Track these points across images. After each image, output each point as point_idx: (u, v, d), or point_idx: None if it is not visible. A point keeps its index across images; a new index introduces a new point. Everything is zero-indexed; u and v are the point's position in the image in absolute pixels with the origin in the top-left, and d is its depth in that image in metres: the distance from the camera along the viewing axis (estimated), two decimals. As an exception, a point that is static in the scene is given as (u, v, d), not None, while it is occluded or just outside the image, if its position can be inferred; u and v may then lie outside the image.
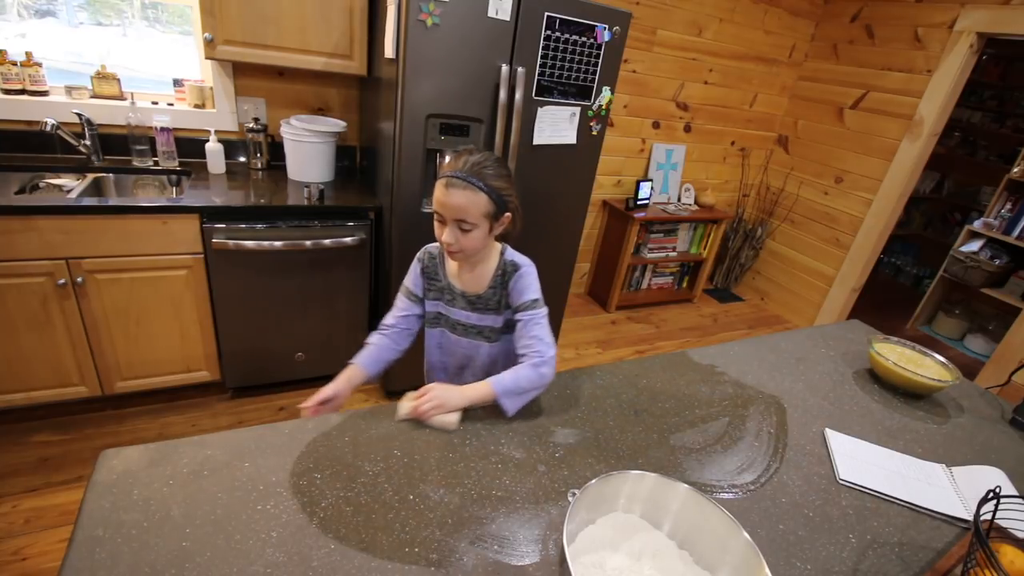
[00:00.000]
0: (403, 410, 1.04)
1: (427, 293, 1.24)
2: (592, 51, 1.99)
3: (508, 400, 1.06)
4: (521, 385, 1.07)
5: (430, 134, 1.88)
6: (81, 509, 0.78)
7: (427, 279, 1.23)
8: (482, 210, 1.07)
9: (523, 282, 1.16)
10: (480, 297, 1.19)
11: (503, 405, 1.06)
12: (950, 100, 3.00)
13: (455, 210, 1.05)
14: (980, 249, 3.53)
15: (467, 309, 1.21)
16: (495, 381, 1.07)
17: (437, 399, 1.03)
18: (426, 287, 1.23)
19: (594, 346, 3.13)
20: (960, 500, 1.05)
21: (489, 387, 1.06)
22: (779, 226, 3.93)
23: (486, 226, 1.09)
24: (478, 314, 1.21)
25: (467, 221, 1.06)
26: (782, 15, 3.41)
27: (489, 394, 1.06)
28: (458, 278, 1.21)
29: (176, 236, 1.82)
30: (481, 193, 1.05)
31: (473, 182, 1.05)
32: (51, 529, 1.60)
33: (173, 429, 2.01)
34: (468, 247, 1.10)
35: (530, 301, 1.15)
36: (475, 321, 1.22)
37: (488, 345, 1.24)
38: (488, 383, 1.06)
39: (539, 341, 1.11)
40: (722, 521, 0.80)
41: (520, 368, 1.09)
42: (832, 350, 1.62)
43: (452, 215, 1.06)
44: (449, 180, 1.05)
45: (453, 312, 1.22)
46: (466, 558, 0.79)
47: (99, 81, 2.10)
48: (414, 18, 1.67)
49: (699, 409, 1.23)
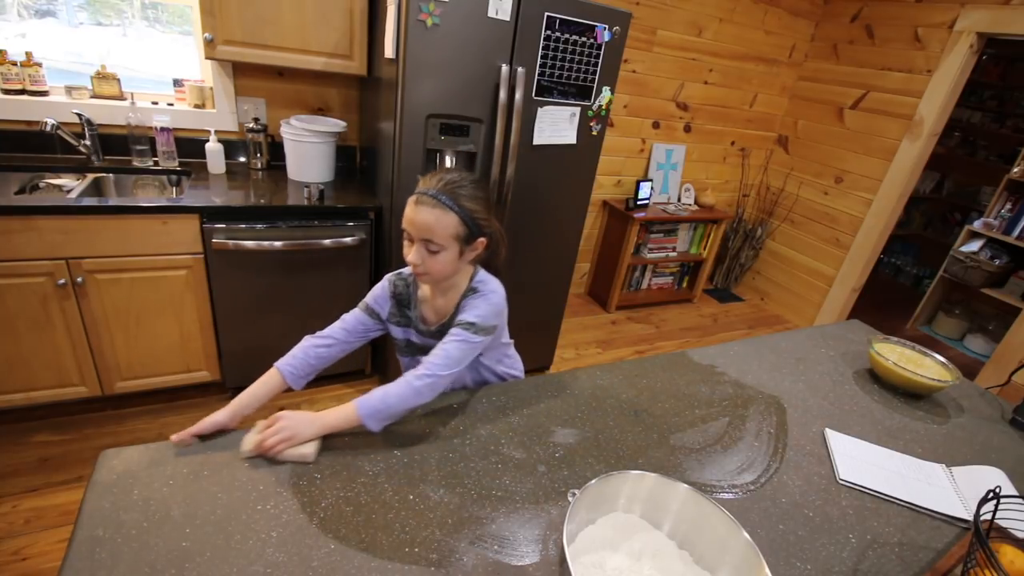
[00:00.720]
0: (247, 445, 0.91)
1: (392, 318, 1.18)
2: (592, 51, 1.99)
3: (373, 422, 0.97)
4: (388, 403, 0.98)
5: (430, 134, 1.88)
6: (81, 509, 0.78)
7: (397, 304, 1.18)
8: (450, 231, 1.01)
9: (472, 302, 1.09)
10: (445, 325, 1.13)
11: (368, 426, 0.97)
12: (950, 100, 3.00)
13: (422, 228, 1.00)
14: (980, 249, 3.53)
15: (436, 338, 1.13)
16: (360, 402, 0.97)
17: (287, 430, 0.91)
18: (393, 312, 1.18)
19: (594, 346, 3.13)
20: (960, 500, 1.05)
21: (352, 409, 0.96)
22: (779, 226, 3.93)
23: (455, 249, 1.03)
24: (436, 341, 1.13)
25: (434, 241, 1.01)
26: (782, 15, 3.41)
27: (351, 417, 0.96)
28: (429, 306, 1.17)
29: (176, 236, 1.82)
30: (451, 213, 1.00)
31: (443, 201, 1.00)
32: (51, 529, 1.60)
33: (173, 429, 2.00)
34: (434, 270, 1.04)
35: (466, 322, 1.06)
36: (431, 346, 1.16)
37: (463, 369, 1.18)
38: (352, 404, 0.97)
39: (443, 356, 1.02)
40: (722, 521, 0.80)
41: (393, 384, 1.00)
42: (832, 350, 1.62)
43: (419, 234, 1.01)
44: (419, 197, 1.01)
45: (424, 340, 1.18)
46: (466, 558, 0.79)
47: (99, 81, 2.10)
48: (414, 18, 1.67)
49: (699, 409, 1.24)
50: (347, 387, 2.38)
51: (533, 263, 2.34)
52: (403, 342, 1.22)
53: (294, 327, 2.12)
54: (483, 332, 1.06)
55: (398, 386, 0.99)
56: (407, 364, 1.25)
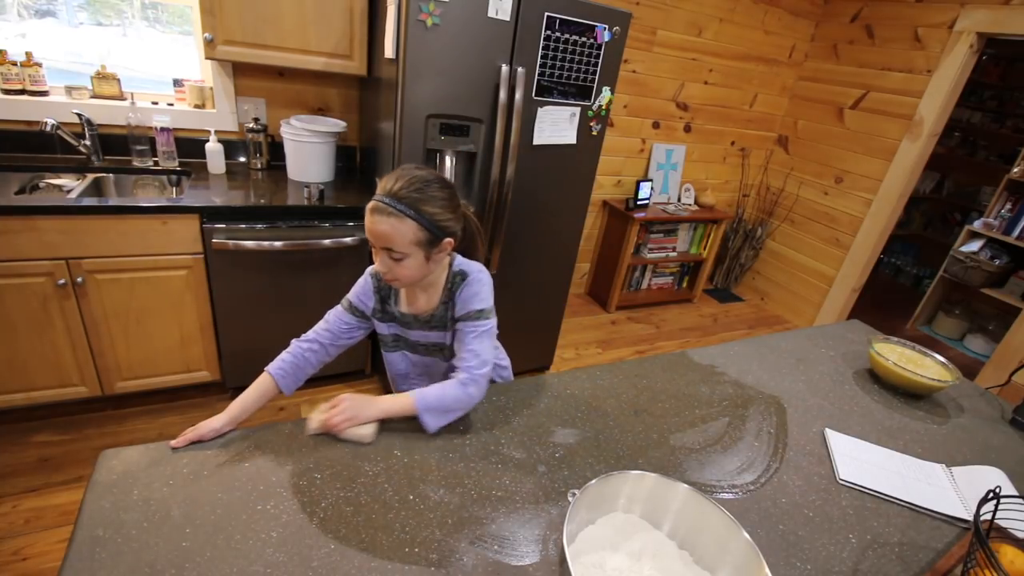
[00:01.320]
0: (313, 423, 0.97)
1: (376, 314, 1.16)
2: (592, 51, 1.99)
3: (430, 417, 0.99)
4: (446, 403, 1.00)
5: (430, 134, 1.88)
6: (81, 509, 0.78)
7: (381, 301, 1.15)
8: (409, 238, 0.96)
9: (468, 291, 1.07)
10: (433, 316, 1.12)
11: (424, 422, 0.99)
12: (950, 100, 3.00)
13: (380, 238, 0.97)
14: (980, 249, 3.53)
15: (423, 329, 1.14)
16: (419, 396, 0.99)
17: (350, 411, 0.95)
18: (377, 308, 1.15)
19: (594, 346, 3.13)
20: (960, 500, 1.05)
21: (411, 401, 0.98)
22: (779, 226, 3.93)
23: (419, 254, 0.99)
24: (436, 332, 1.15)
25: (395, 250, 0.97)
26: (782, 15, 3.41)
27: (410, 407, 0.98)
28: (410, 304, 1.14)
29: (176, 236, 1.82)
30: (408, 220, 0.95)
31: (399, 208, 0.94)
32: (51, 529, 1.60)
33: (173, 429, 2.01)
34: (403, 276, 1.01)
35: (475, 312, 1.06)
36: (434, 339, 1.16)
37: (448, 362, 1.18)
38: (411, 396, 0.99)
39: (474, 356, 1.03)
40: (722, 521, 0.80)
41: (448, 385, 1.01)
42: (832, 350, 1.62)
43: (379, 243, 0.98)
44: (374, 205, 0.96)
45: (410, 334, 1.17)
46: (466, 558, 0.79)
47: (99, 81, 2.10)
48: (414, 18, 1.67)
49: (699, 409, 1.23)
50: (347, 387, 2.38)
51: (533, 263, 2.34)
52: (389, 337, 1.20)
53: (294, 327, 2.11)
54: (491, 314, 1.08)
55: (452, 387, 1.01)
56: (395, 360, 1.23)
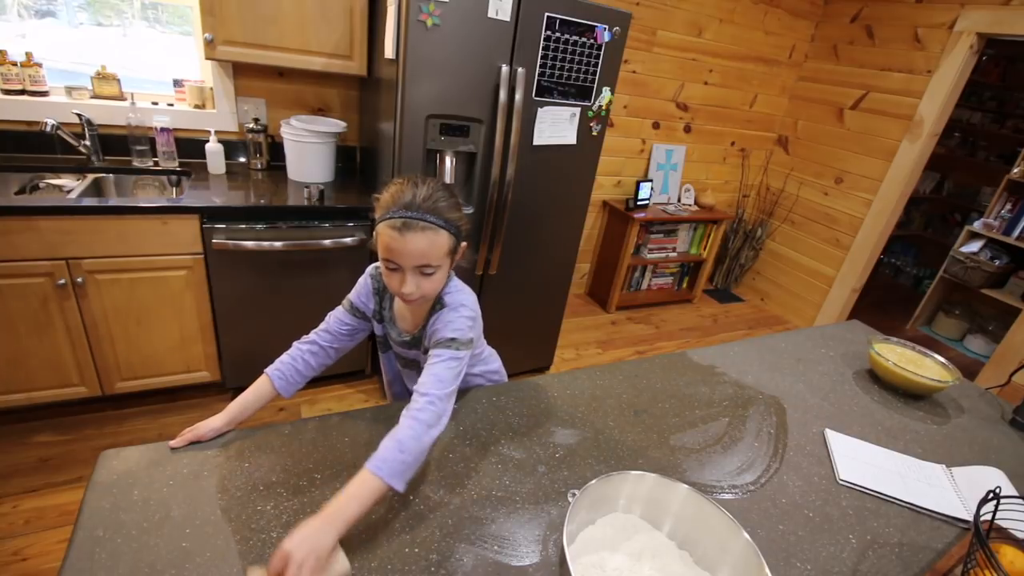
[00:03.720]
0: None
1: (376, 315, 1.13)
2: (592, 51, 1.99)
3: (398, 481, 0.80)
4: (405, 451, 0.81)
5: (430, 134, 1.88)
6: (81, 509, 0.78)
7: (379, 301, 1.12)
8: (444, 250, 0.93)
9: (444, 317, 0.99)
10: (413, 336, 1.08)
11: (395, 488, 0.79)
12: (950, 101, 3.00)
13: (416, 256, 0.89)
14: (980, 250, 3.53)
15: (402, 346, 1.12)
16: (375, 467, 0.79)
17: (309, 560, 0.67)
18: (377, 309, 1.12)
19: (594, 346, 3.13)
20: (960, 500, 1.05)
21: (371, 478, 0.78)
22: (779, 226, 3.93)
23: (447, 265, 0.97)
24: (414, 351, 1.12)
25: (430, 265, 0.91)
26: (782, 16, 3.41)
27: (375, 489, 0.78)
28: (400, 314, 1.11)
29: (176, 236, 1.82)
30: (442, 231, 0.91)
31: (432, 220, 0.89)
32: (51, 529, 1.60)
33: (173, 429, 2.01)
34: (430, 291, 0.96)
35: (446, 340, 0.96)
36: (412, 357, 1.15)
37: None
38: (367, 473, 0.78)
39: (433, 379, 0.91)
40: (722, 521, 0.80)
41: (399, 428, 0.85)
42: (832, 350, 1.62)
43: (413, 262, 0.90)
44: (405, 222, 0.87)
45: (395, 345, 1.16)
46: (466, 558, 0.79)
47: (99, 81, 2.10)
48: (414, 18, 1.67)
49: (699, 409, 1.23)
50: (347, 387, 2.38)
51: (533, 263, 2.34)
52: (382, 337, 1.18)
53: (294, 327, 2.11)
54: (465, 347, 0.97)
55: (405, 428, 0.84)
56: (387, 361, 1.25)
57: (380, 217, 0.91)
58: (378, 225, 0.92)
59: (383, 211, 0.91)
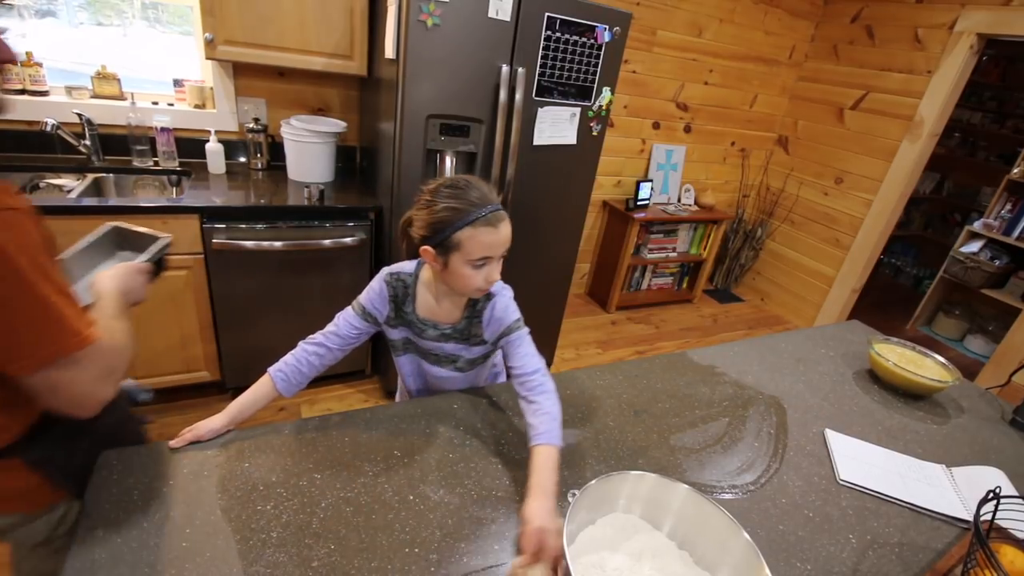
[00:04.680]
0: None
1: (389, 321, 1.13)
2: (592, 51, 1.99)
3: (562, 441, 0.94)
4: (559, 420, 0.95)
5: (430, 134, 1.88)
6: (81, 509, 0.78)
7: (395, 307, 1.11)
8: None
9: (499, 306, 1.06)
10: (455, 328, 1.10)
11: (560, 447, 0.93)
12: (950, 101, 3.00)
13: (507, 243, 0.98)
14: (980, 250, 3.53)
15: (439, 340, 1.12)
16: (547, 437, 0.91)
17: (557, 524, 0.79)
18: (391, 315, 1.12)
19: (594, 346, 3.13)
20: (960, 500, 1.05)
21: (551, 452, 0.91)
22: (779, 226, 3.93)
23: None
24: (452, 344, 1.12)
25: (504, 252, 1.00)
26: (782, 16, 3.41)
27: (557, 456, 0.92)
28: (431, 311, 1.10)
29: (176, 236, 1.80)
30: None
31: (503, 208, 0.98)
32: (51, 529, 1.60)
33: (173, 429, 1.98)
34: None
35: (515, 323, 1.06)
36: (448, 351, 1.14)
37: (461, 375, 1.18)
38: (547, 447, 0.91)
39: (532, 357, 1.02)
40: (722, 521, 0.80)
41: (548, 404, 0.96)
42: (832, 350, 1.62)
43: (503, 250, 0.98)
44: (496, 215, 0.95)
45: (422, 342, 1.13)
46: (466, 558, 0.79)
47: (99, 81, 2.10)
48: (414, 18, 1.67)
49: (699, 409, 1.23)
50: (347, 387, 2.38)
51: (533, 263, 2.34)
52: (400, 341, 1.16)
53: (294, 327, 2.11)
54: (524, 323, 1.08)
55: (547, 402, 0.96)
56: (405, 363, 1.21)
57: (464, 221, 0.93)
58: (463, 230, 0.93)
59: (462, 215, 0.93)
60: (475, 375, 1.21)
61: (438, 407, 1.11)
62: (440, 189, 0.96)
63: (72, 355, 0.67)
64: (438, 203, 0.95)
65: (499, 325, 1.06)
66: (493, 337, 1.09)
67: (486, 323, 1.08)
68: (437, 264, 0.99)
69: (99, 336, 0.71)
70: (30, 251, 0.63)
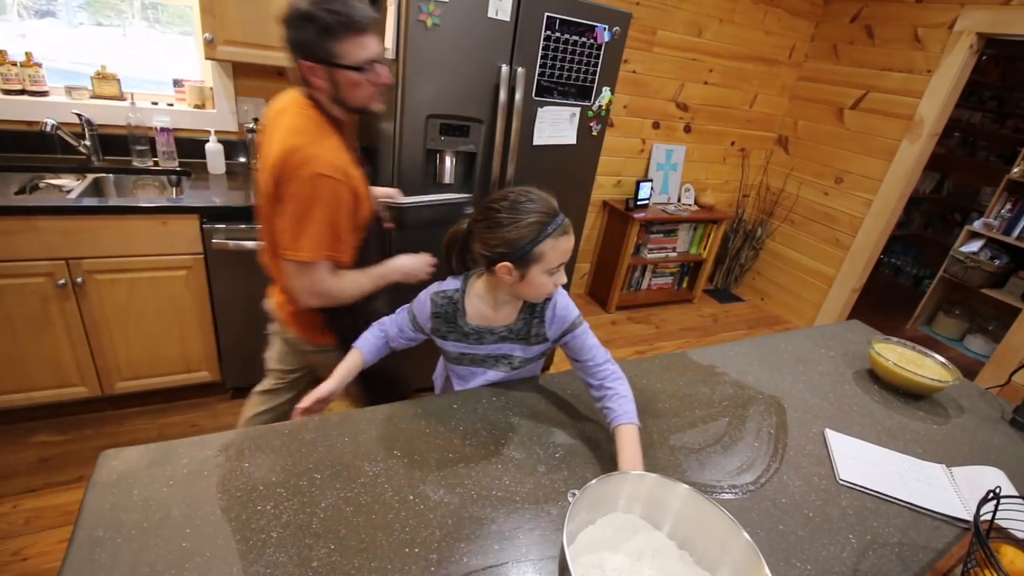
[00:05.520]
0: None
1: (437, 332, 1.16)
2: (592, 51, 1.99)
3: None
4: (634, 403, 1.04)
5: (430, 134, 1.88)
6: (81, 509, 0.78)
7: (443, 322, 1.14)
8: None
9: (560, 305, 1.11)
10: (510, 329, 1.13)
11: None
12: (950, 100, 3.00)
13: (570, 251, 1.03)
14: (980, 249, 3.53)
15: (496, 343, 1.15)
16: (627, 417, 1.00)
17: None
18: (437, 327, 1.15)
19: (594, 346, 3.13)
20: (960, 500, 1.05)
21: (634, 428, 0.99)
22: (779, 226, 3.93)
23: None
24: (509, 344, 1.16)
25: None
26: (782, 16, 3.41)
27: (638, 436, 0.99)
28: (484, 317, 1.12)
29: (176, 236, 1.82)
30: None
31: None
32: (51, 529, 1.60)
33: (173, 429, 2.01)
34: None
35: (576, 319, 1.11)
36: (505, 351, 1.17)
37: (510, 371, 1.20)
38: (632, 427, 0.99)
39: (599, 349, 1.09)
40: (722, 521, 0.80)
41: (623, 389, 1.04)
42: (832, 350, 1.62)
43: (566, 259, 1.03)
44: (566, 222, 1.01)
45: (481, 348, 1.16)
46: (466, 558, 0.79)
47: (99, 81, 2.10)
48: (414, 18, 1.67)
49: (699, 409, 1.23)
50: (347, 387, 2.37)
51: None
52: (455, 354, 1.18)
53: (294, 327, 2.12)
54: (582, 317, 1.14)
55: (622, 387, 1.05)
56: (462, 372, 1.22)
57: (544, 233, 0.97)
58: (545, 242, 0.97)
59: (543, 228, 0.97)
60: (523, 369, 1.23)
61: (438, 407, 1.11)
62: (514, 206, 0.98)
63: (294, 261, 1.12)
64: (520, 219, 0.97)
65: (562, 323, 1.10)
66: (556, 334, 1.12)
67: (549, 322, 1.11)
68: (512, 277, 1.00)
69: (314, 263, 1.13)
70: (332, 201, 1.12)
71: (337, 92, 1.15)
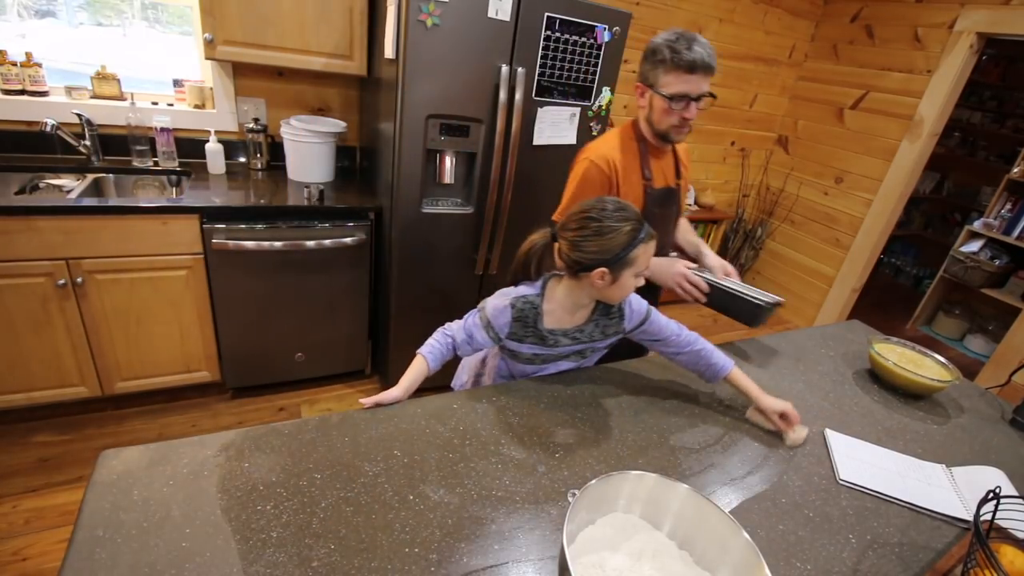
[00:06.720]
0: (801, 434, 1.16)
1: (513, 336, 1.19)
2: (592, 51, 1.99)
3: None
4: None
5: (430, 134, 1.88)
6: (81, 509, 0.78)
7: (521, 326, 1.17)
8: None
9: (635, 302, 1.21)
10: (583, 330, 1.20)
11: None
12: (950, 100, 3.00)
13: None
14: (980, 249, 3.53)
15: (571, 343, 1.21)
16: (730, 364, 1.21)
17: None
18: (514, 332, 1.18)
19: (594, 346, 3.13)
20: (960, 500, 1.05)
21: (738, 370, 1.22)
22: (779, 226, 3.93)
23: None
24: (581, 344, 1.22)
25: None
26: (782, 15, 3.41)
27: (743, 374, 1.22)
28: (560, 320, 1.18)
29: (176, 236, 1.82)
30: None
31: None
32: (51, 529, 1.60)
33: (173, 429, 2.01)
34: None
35: (648, 312, 1.23)
36: (576, 348, 1.23)
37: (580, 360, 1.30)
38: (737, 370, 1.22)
39: (676, 325, 1.25)
40: (722, 521, 0.80)
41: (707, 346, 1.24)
42: (832, 350, 1.62)
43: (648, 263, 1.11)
44: (652, 231, 1.08)
45: (556, 350, 1.22)
46: (466, 558, 0.79)
47: (99, 81, 2.10)
48: (414, 18, 1.67)
49: (699, 409, 1.24)
50: (347, 387, 2.37)
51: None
52: (528, 355, 1.23)
53: (294, 327, 2.12)
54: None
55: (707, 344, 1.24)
56: (530, 372, 1.27)
57: (638, 239, 1.05)
58: (639, 247, 1.05)
59: (634, 234, 1.05)
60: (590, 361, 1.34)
61: (438, 407, 1.11)
62: (611, 216, 1.05)
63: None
64: (619, 227, 1.05)
65: (639, 315, 1.22)
66: (633, 325, 1.23)
67: (628, 317, 1.22)
68: (604, 281, 1.07)
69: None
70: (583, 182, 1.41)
71: (650, 113, 1.39)
